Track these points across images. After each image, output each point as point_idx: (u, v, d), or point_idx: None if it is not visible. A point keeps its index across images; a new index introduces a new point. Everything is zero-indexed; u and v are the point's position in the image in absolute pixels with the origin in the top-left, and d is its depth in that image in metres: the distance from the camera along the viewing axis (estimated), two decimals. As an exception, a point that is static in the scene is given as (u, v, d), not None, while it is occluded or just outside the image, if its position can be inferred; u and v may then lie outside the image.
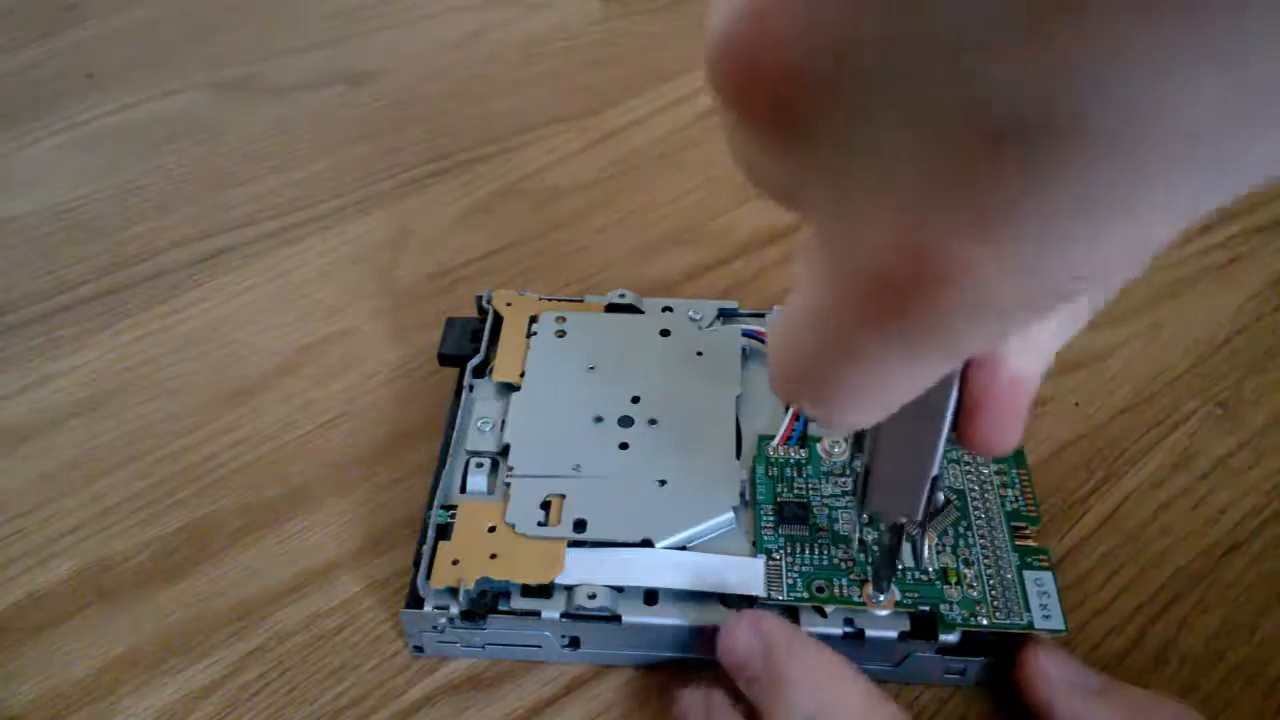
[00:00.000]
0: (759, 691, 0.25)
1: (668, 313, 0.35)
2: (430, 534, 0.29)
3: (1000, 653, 0.27)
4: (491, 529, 0.29)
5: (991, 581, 0.28)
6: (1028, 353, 0.18)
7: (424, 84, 0.51)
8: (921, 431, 0.20)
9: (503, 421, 0.31)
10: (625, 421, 0.31)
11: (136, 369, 0.38)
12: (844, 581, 0.28)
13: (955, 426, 0.19)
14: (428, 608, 0.28)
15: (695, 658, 0.29)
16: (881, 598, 0.27)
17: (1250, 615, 0.31)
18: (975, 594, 0.28)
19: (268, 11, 0.56)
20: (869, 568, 0.28)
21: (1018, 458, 0.31)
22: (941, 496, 0.23)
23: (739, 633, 0.26)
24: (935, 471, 0.22)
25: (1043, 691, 0.26)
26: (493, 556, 0.28)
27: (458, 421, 0.32)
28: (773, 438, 0.31)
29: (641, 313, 0.35)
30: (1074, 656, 0.27)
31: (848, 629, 0.27)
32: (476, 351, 0.34)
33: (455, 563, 0.28)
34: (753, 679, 0.25)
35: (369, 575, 0.32)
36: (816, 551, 0.29)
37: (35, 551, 0.32)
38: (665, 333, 0.34)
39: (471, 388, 0.33)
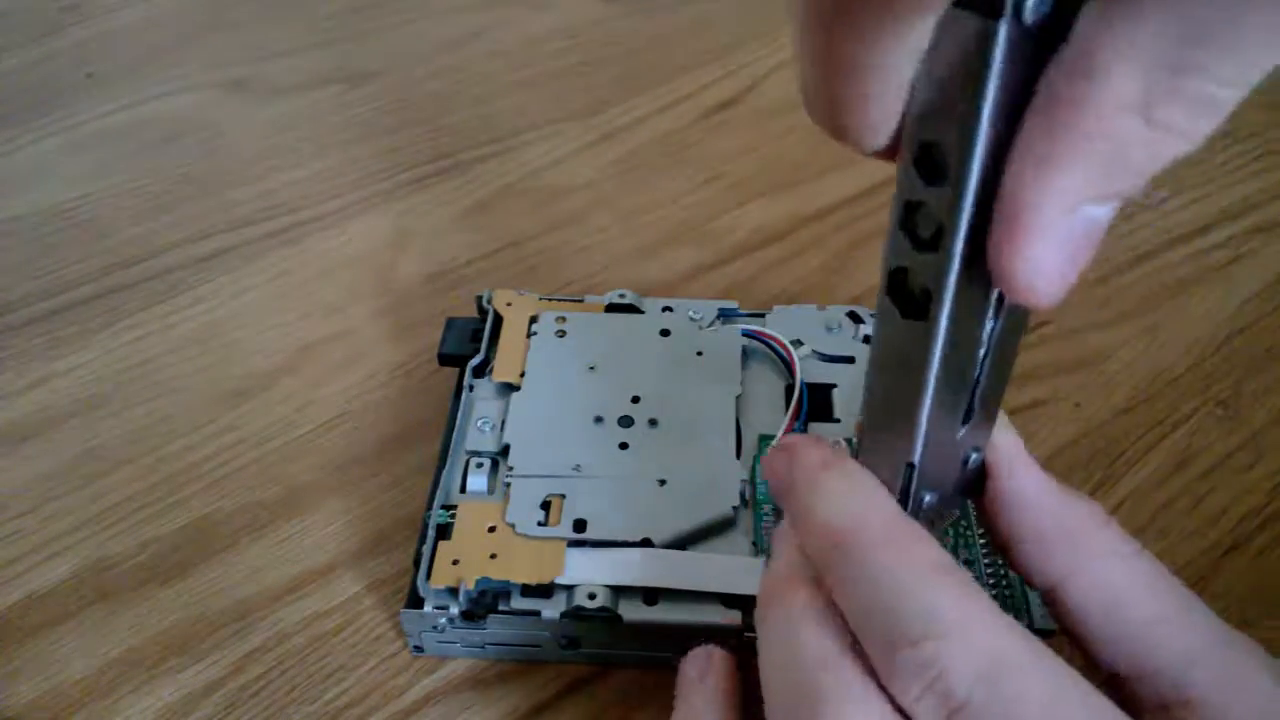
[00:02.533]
0: (787, 509, 0.23)
1: (668, 313, 0.35)
2: (430, 534, 0.29)
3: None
4: (491, 529, 0.29)
5: (991, 581, 0.28)
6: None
7: (424, 84, 0.51)
8: (907, 379, 0.19)
9: (503, 421, 0.31)
10: (625, 421, 0.31)
11: (136, 369, 0.38)
12: (844, 581, 0.28)
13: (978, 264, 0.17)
14: (428, 608, 0.28)
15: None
16: (881, 598, 0.27)
17: (1250, 615, 0.31)
18: (975, 594, 0.28)
19: (268, 11, 0.57)
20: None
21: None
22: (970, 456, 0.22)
23: (773, 457, 0.24)
24: (925, 409, 0.20)
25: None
26: (493, 556, 0.28)
27: (458, 421, 0.32)
28: (773, 438, 0.31)
29: (641, 313, 0.35)
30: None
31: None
32: (476, 351, 0.34)
33: (455, 563, 0.28)
34: (781, 498, 0.23)
35: (369, 575, 0.32)
36: (816, 551, 0.29)
37: (35, 551, 0.32)
38: (665, 333, 0.34)
39: (471, 388, 0.33)
